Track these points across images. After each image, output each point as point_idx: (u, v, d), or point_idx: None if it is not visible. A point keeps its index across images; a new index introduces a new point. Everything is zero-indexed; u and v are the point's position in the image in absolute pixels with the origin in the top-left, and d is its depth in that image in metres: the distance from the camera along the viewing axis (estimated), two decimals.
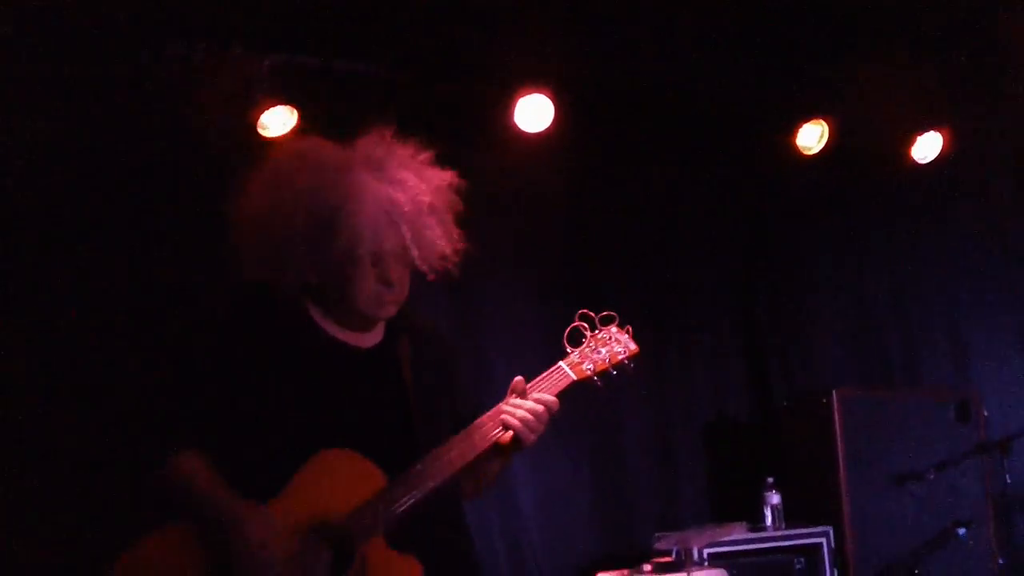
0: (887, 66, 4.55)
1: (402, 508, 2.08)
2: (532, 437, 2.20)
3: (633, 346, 2.31)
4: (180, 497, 2.09)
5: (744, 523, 4.32)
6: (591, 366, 2.27)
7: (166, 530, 2.07)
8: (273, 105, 3.96)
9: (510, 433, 2.20)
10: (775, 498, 4.44)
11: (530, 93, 4.22)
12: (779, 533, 4.37)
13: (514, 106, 4.25)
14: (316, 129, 4.00)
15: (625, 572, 3.99)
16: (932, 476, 4.48)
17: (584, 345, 2.29)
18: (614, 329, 2.31)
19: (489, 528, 4.41)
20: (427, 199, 2.18)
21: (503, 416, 2.19)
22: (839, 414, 4.50)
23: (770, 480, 4.49)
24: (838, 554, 4.36)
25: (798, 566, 4.30)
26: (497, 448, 2.21)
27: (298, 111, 4.00)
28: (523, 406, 2.19)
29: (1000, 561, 4.58)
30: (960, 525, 4.48)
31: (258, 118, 3.97)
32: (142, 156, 3.81)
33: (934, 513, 4.54)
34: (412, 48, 4.17)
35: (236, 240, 2.20)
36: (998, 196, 5.34)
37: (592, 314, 2.30)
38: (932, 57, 4.44)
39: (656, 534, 4.22)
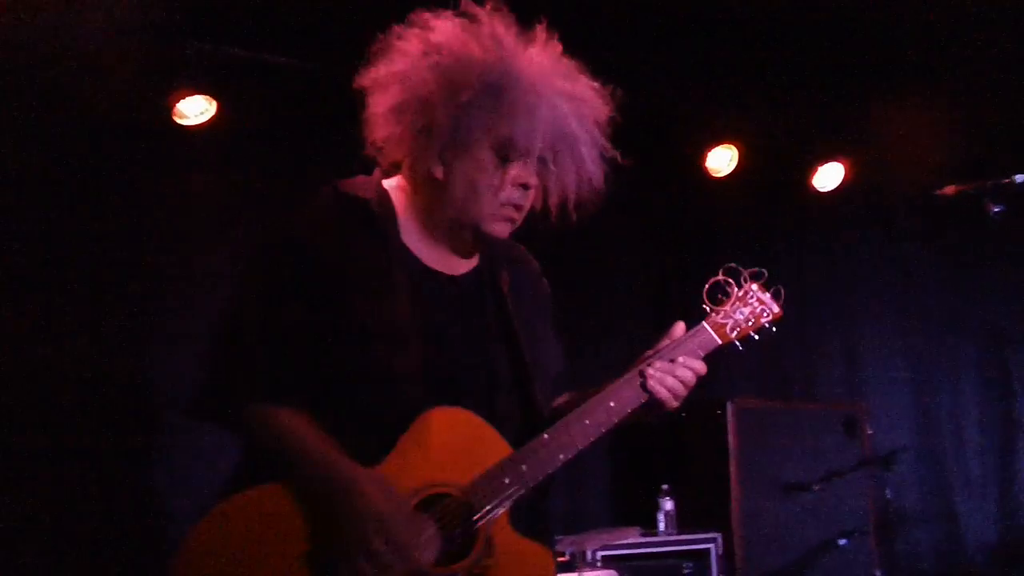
0: (795, 96, 4.76)
1: (534, 484, 1.81)
2: (676, 406, 1.94)
3: (777, 308, 2.06)
4: (285, 453, 1.77)
5: (638, 528, 4.44)
6: (736, 329, 2.02)
7: (263, 489, 1.76)
8: (191, 94, 3.97)
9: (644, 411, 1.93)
10: (669, 504, 4.58)
11: None
12: (670, 538, 4.50)
13: None
14: (235, 120, 4.07)
15: None
16: (818, 487, 4.65)
17: (727, 304, 2.03)
18: (755, 287, 2.06)
19: None
20: (602, 117, 1.90)
21: (650, 383, 1.90)
22: (733, 424, 4.66)
23: (665, 487, 4.62)
24: (726, 560, 4.51)
25: (686, 571, 4.44)
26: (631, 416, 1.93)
27: (216, 101, 4.02)
28: (674, 372, 1.91)
29: (877, 572, 4.78)
30: (843, 535, 4.67)
31: (175, 106, 3.98)
32: (55, 139, 3.77)
33: (820, 523, 4.70)
34: (336, 41, 4.20)
35: (374, 101, 1.85)
36: (894, 223, 5.62)
37: (740, 268, 2.05)
38: (835, 91, 4.65)
39: (555, 537, 4.30)
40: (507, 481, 1.79)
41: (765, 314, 2.04)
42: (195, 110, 4.00)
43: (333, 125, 2.29)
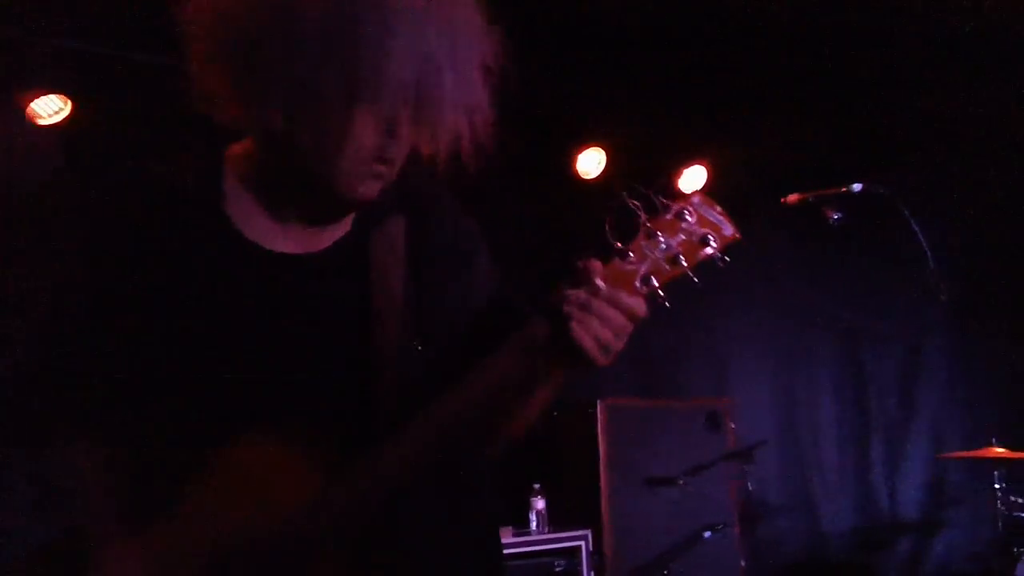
0: (661, 99, 4.89)
1: (367, 517, 1.38)
2: (608, 359, 1.39)
3: (729, 229, 1.40)
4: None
5: (511, 527, 4.48)
6: (653, 276, 1.38)
7: None
8: (45, 93, 3.83)
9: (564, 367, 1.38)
10: (540, 503, 4.64)
11: None
12: (542, 537, 4.56)
13: None
14: (89, 119, 3.95)
15: None
16: (683, 482, 4.80)
17: (640, 237, 1.39)
18: (696, 199, 1.40)
19: None
20: (484, 51, 1.46)
21: (574, 334, 1.34)
22: (603, 422, 4.76)
23: (536, 486, 4.68)
24: (596, 555, 4.60)
25: (558, 568, 4.51)
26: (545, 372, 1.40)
27: (71, 100, 3.89)
28: (606, 314, 1.36)
29: (742, 562, 4.96)
30: (708, 528, 4.82)
31: (28, 105, 3.83)
32: None
33: (686, 517, 4.85)
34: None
35: (195, 46, 1.43)
36: (755, 222, 5.82)
37: (644, 188, 1.39)
38: (695, 97, 4.80)
39: None
40: (335, 509, 1.37)
41: (710, 241, 1.38)
42: (50, 108, 3.86)
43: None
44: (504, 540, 4.37)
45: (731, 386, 5.73)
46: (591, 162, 5.19)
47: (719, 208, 1.40)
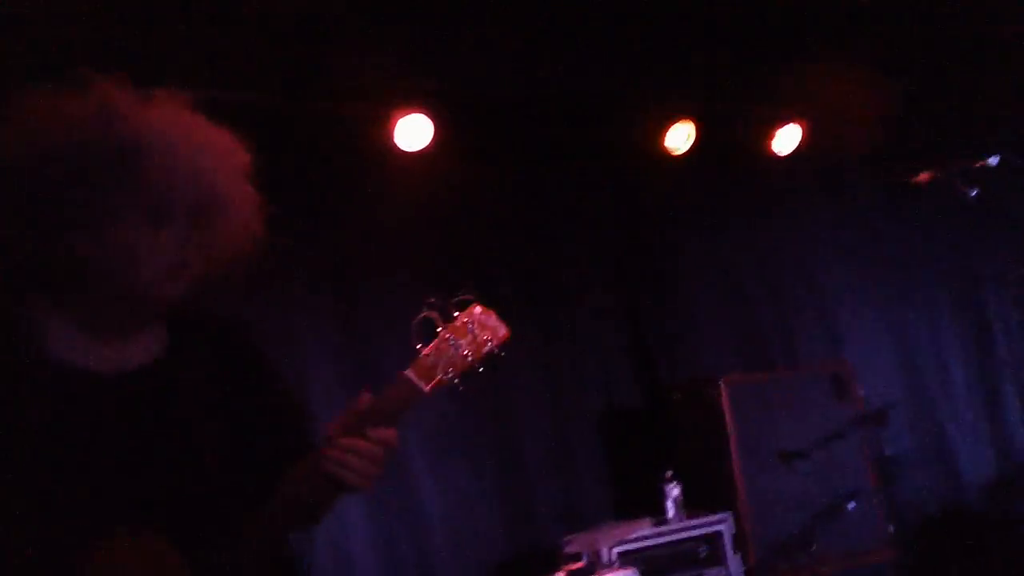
0: (748, 65, 4.75)
1: None
2: (367, 484, 1.65)
3: (503, 330, 1.75)
4: None
5: (648, 518, 4.41)
6: (451, 368, 1.71)
7: None
8: None
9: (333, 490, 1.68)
10: (675, 490, 4.55)
11: (408, 113, 4.26)
12: (682, 524, 4.46)
13: (393, 126, 4.27)
14: None
15: None
16: (816, 452, 4.67)
17: (439, 340, 1.73)
18: (478, 311, 1.75)
19: (396, 538, 4.42)
20: (244, 163, 1.74)
21: (331, 468, 1.64)
22: (727, 401, 4.65)
23: (668, 473, 4.60)
24: (739, 538, 4.51)
25: (702, 554, 4.43)
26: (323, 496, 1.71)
27: None
28: (355, 449, 1.63)
29: (891, 528, 4.81)
30: (848, 498, 4.68)
31: None
32: None
33: (823, 488, 4.70)
34: (279, 73, 4.11)
35: None
36: (854, 181, 5.65)
37: (440, 302, 1.75)
38: (789, 55, 4.64)
39: (564, 537, 4.27)
40: None
41: (490, 339, 1.73)
42: None
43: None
44: (643, 531, 4.32)
45: (848, 348, 5.56)
46: (679, 137, 5.08)
47: (495, 315, 1.75)
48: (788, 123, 5.13)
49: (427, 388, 1.69)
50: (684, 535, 4.44)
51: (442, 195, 4.62)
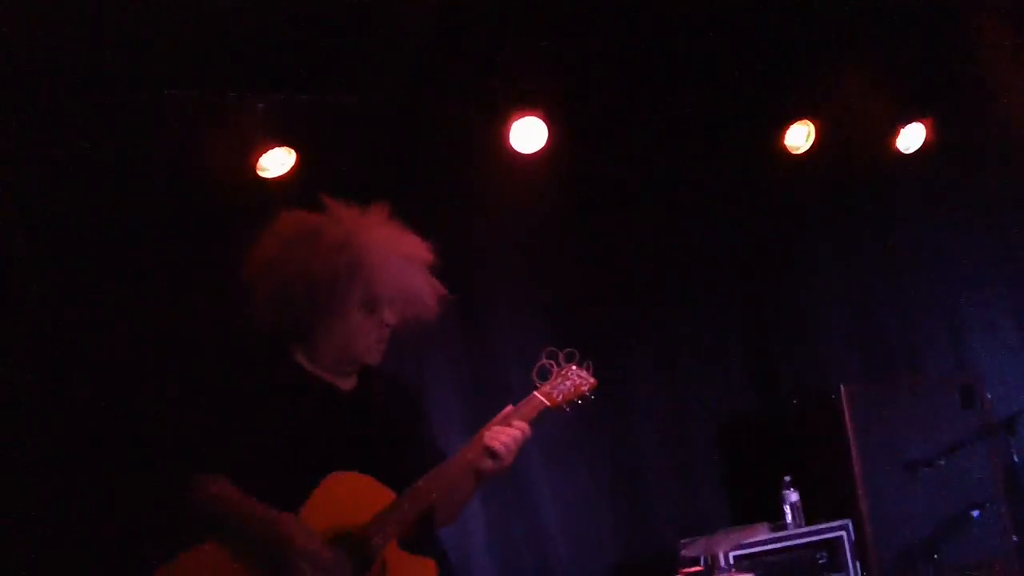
0: (867, 63, 4.66)
1: (412, 516, 2.37)
2: (510, 459, 2.45)
3: (592, 380, 2.60)
4: (218, 514, 2.29)
5: (766, 524, 4.36)
6: (561, 396, 2.56)
7: (202, 548, 2.26)
8: (271, 147, 3.99)
9: (489, 462, 2.45)
10: (794, 496, 4.49)
11: (524, 116, 4.31)
12: (801, 531, 4.41)
13: (509, 129, 4.33)
14: (315, 168, 4.08)
15: None
16: (942, 461, 4.54)
17: (552, 378, 2.58)
18: (575, 367, 2.59)
19: (516, 544, 4.47)
20: (429, 259, 2.55)
21: (487, 440, 2.43)
22: (848, 409, 4.56)
23: (787, 479, 4.54)
24: (858, 545, 4.42)
25: (821, 560, 4.36)
26: (478, 470, 2.47)
27: (296, 151, 4.04)
28: (505, 431, 2.46)
29: (1015, 538, 4.66)
30: (974, 507, 4.55)
31: (257, 161, 4.00)
32: (146, 204, 3.83)
33: (947, 497, 4.59)
34: (402, 78, 4.21)
35: (252, 292, 2.48)
36: (983, 181, 5.43)
37: (557, 351, 2.59)
38: (910, 52, 4.54)
39: (681, 541, 4.26)
40: (392, 517, 2.35)
41: (585, 385, 2.59)
42: (276, 163, 4.03)
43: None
44: (761, 536, 4.28)
45: (973, 358, 5.36)
46: (799, 136, 5.01)
47: (589, 369, 2.61)
48: (911, 121, 5.00)
49: (549, 404, 2.54)
50: (802, 541, 4.37)
51: (558, 198, 4.67)
